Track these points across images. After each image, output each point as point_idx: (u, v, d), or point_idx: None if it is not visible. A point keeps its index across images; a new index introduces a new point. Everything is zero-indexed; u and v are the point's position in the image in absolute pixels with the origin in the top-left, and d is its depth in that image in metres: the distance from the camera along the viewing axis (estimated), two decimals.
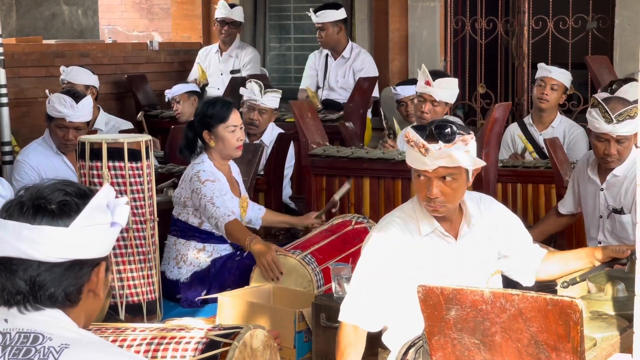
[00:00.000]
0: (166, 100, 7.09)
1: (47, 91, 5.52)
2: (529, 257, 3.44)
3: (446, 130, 3.09)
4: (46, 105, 5.27)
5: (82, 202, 1.90)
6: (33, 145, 5.38)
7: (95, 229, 1.91)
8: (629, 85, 5.00)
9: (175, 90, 6.97)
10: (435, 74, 5.44)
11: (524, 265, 3.43)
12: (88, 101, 5.31)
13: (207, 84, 7.56)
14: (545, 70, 5.89)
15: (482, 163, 3.20)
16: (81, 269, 1.91)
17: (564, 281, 3.40)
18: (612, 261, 3.43)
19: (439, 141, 3.08)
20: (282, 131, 6.15)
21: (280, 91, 6.11)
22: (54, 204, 1.89)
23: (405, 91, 6.30)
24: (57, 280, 1.88)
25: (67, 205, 1.89)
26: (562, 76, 5.90)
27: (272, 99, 5.93)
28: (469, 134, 3.14)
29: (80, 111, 5.21)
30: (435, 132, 3.09)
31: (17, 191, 1.94)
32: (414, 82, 5.78)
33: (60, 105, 5.17)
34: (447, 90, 5.36)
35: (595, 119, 4.19)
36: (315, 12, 7.19)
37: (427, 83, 5.30)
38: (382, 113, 6.00)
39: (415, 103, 5.48)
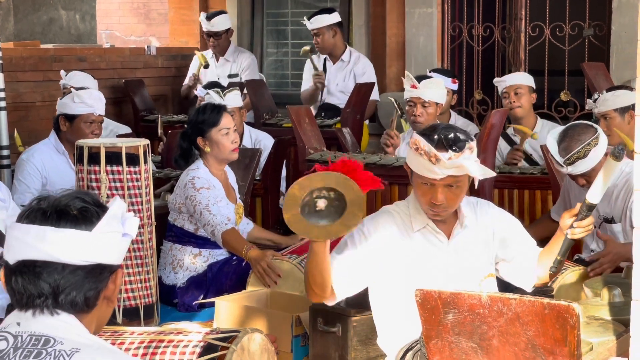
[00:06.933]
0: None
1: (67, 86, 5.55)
2: (530, 261, 3.38)
3: (455, 138, 3.08)
4: (64, 104, 5.28)
5: (101, 210, 1.97)
6: (38, 145, 5.42)
7: (114, 236, 1.97)
8: (610, 93, 4.99)
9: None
10: (425, 76, 5.54)
11: (526, 269, 3.37)
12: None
13: (208, 65, 7.56)
14: (501, 82, 5.95)
15: (492, 173, 3.18)
16: (101, 273, 1.96)
17: (550, 267, 3.37)
18: (573, 221, 3.31)
19: (449, 150, 3.07)
20: (263, 133, 6.21)
21: (238, 88, 6.10)
22: (75, 210, 1.94)
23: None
24: (79, 283, 1.93)
25: (88, 212, 1.95)
26: (518, 78, 5.94)
27: (233, 98, 5.80)
28: (472, 140, 3.15)
29: (104, 104, 5.38)
30: (445, 140, 3.08)
31: (31, 202, 1.99)
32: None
33: (90, 99, 5.26)
34: (435, 89, 5.46)
35: (555, 161, 4.18)
36: (308, 18, 7.22)
37: (413, 86, 5.41)
38: (395, 104, 5.95)
39: (406, 109, 5.55)
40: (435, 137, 3.10)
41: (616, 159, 2.90)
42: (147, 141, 4.36)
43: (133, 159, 4.22)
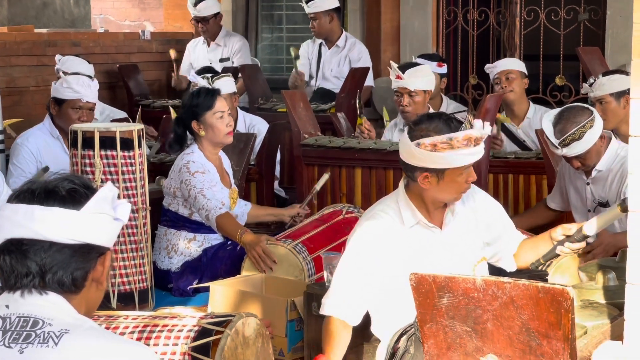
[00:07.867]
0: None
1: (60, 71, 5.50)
2: (510, 243, 3.47)
3: (451, 115, 3.20)
4: (55, 88, 5.26)
5: (90, 192, 1.98)
6: (33, 130, 5.39)
7: (103, 217, 1.97)
8: (606, 78, 4.99)
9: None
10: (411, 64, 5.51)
11: (507, 251, 3.47)
12: (96, 82, 5.41)
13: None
14: (492, 68, 5.95)
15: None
16: (89, 253, 1.96)
17: (531, 263, 3.42)
18: (564, 239, 3.38)
19: (465, 127, 3.16)
20: (257, 118, 6.19)
21: (229, 74, 6.08)
22: (64, 191, 1.95)
23: None
24: (66, 262, 1.93)
25: (77, 193, 1.96)
26: (510, 63, 5.94)
27: (224, 85, 5.71)
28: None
29: (94, 91, 5.29)
30: (456, 120, 3.19)
31: (23, 185, 2.00)
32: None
33: (78, 85, 5.21)
34: (420, 78, 5.40)
35: (550, 142, 4.20)
36: (307, 2, 7.20)
37: (398, 77, 5.36)
38: (357, 98, 5.97)
39: (394, 100, 5.51)
40: (442, 124, 3.15)
41: (623, 211, 2.95)
42: (142, 126, 4.36)
43: (127, 144, 4.22)
